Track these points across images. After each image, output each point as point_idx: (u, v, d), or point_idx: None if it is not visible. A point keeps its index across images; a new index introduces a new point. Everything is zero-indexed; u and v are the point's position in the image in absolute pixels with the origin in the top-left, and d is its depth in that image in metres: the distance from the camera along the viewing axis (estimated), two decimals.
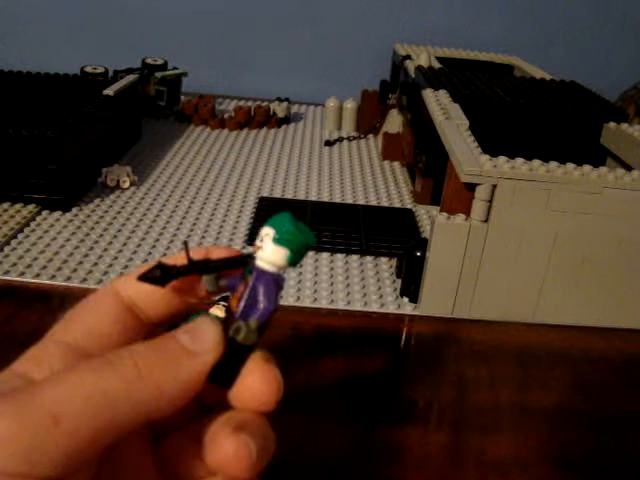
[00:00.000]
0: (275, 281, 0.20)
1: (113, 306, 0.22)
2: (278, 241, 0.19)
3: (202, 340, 0.19)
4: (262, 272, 0.20)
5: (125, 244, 0.55)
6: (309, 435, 0.35)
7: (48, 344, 0.21)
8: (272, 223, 0.20)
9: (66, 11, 1.10)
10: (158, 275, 0.20)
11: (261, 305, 0.20)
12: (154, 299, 0.22)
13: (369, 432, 0.36)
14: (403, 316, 0.48)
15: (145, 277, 0.20)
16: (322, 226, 0.60)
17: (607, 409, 0.40)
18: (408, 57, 0.86)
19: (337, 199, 0.68)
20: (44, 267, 0.50)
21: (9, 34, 1.11)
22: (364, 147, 0.87)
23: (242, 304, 0.20)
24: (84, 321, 0.22)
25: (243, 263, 0.21)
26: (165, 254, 0.53)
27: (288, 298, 0.48)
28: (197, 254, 0.22)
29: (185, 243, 0.20)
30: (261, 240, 0.20)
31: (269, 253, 0.20)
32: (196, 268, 0.20)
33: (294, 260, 0.20)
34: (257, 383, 0.20)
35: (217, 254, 0.22)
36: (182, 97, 0.95)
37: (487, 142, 0.52)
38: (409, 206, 0.68)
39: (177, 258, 0.21)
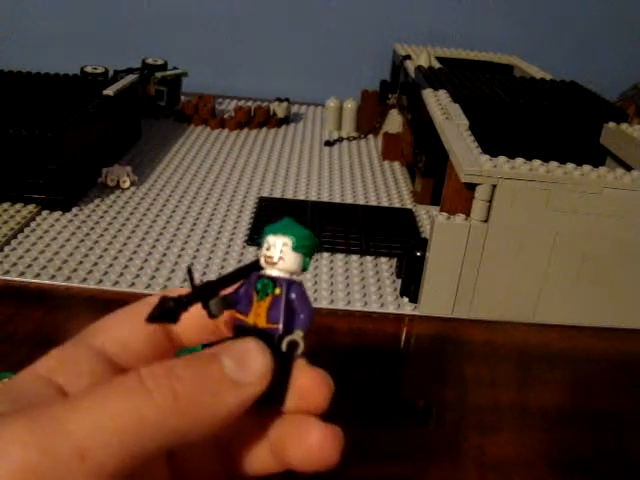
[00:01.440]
0: (303, 287, 0.20)
1: (151, 325, 0.21)
2: (297, 249, 0.20)
3: (250, 370, 0.18)
4: (290, 282, 0.20)
5: (125, 244, 0.55)
6: None
7: (77, 346, 0.20)
8: (285, 231, 0.20)
9: (66, 11, 1.10)
10: (166, 310, 0.19)
11: (302, 315, 0.20)
12: (187, 325, 0.21)
13: (369, 432, 0.36)
14: (403, 316, 0.48)
15: (153, 318, 0.19)
16: (322, 226, 0.60)
17: (607, 409, 0.40)
18: (408, 57, 0.86)
19: (337, 199, 0.68)
20: (44, 267, 0.50)
21: (9, 34, 1.11)
22: (364, 147, 0.87)
23: (281, 317, 0.19)
24: (118, 331, 0.21)
25: (246, 274, 0.20)
26: (165, 254, 0.53)
27: None
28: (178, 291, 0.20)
29: (189, 268, 0.20)
30: (280, 250, 0.20)
31: (290, 262, 0.20)
32: (202, 293, 0.19)
33: (309, 264, 0.20)
34: (309, 386, 0.19)
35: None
36: (182, 97, 0.95)
37: (487, 142, 0.52)
38: (409, 206, 0.68)
39: (179, 290, 0.20)
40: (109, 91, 0.70)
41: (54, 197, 0.59)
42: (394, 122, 0.85)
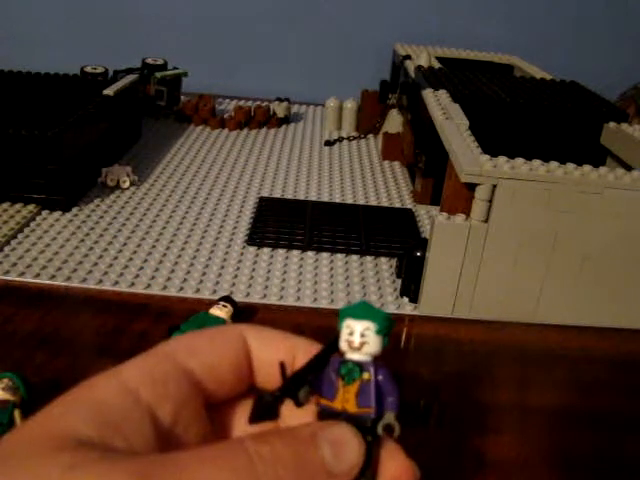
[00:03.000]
0: (388, 368, 0.20)
1: (238, 353, 0.21)
2: (380, 332, 0.20)
3: (345, 460, 0.18)
4: (376, 366, 0.20)
5: (125, 244, 0.55)
6: None
7: (165, 362, 0.20)
8: (367, 316, 0.20)
9: (66, 11, 1.10)
10: (266, 409, 0.19)
11: (392, 397, 0.20)
12: (267, 364, 0.21)
13: None
14: (403, 316, 0.48)
15: (256, 418, 0.19)
16: (322, 226, 0.60)
17: (607, 409, 0.40)
18: (408, 57, 0.86)
19: (337, 199, 0.68)
20: (44, 267, 0.50)
21: (9, 34, 1.11)
22: (364, 147, 0.87)
23: (373, 402, 0.20)
24: (209, 357, 0.21)
25: (327, 358, 0.20)
26: (165, 254, 0.53)
27: (288, 298, 0.48)
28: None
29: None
30: (362, 335, 0.20)
31: (373, 345, 0.20)
32: (294, 385, 0.20)
33: (387, 342, 0.20)
34: (398, 474, 0.20)
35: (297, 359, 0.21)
36: (182, 97, 0.95)
37: (487, 142, 0.52)
38: (409, 206, 0.68)
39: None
40: (109, 91, 0.70)
41: (54, 197, 0.59)
42: (394, 122, 0.85)
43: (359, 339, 0.20)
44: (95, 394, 0.18)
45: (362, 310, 0.20)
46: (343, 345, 0.20)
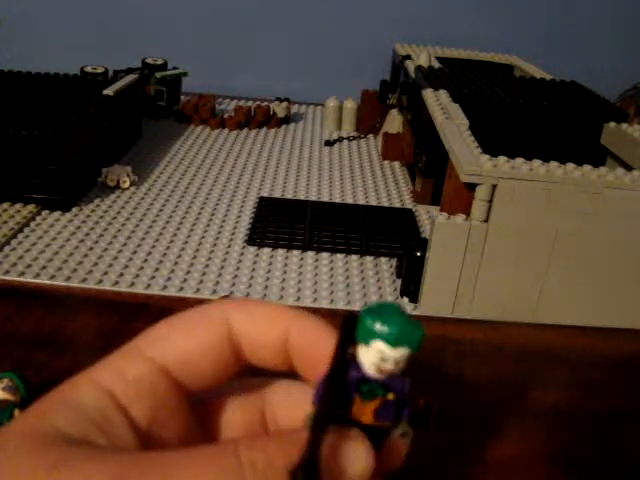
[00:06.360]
0: (408, 380, 0.19)
1: (219, 341, 0.19)
2: (415, 350, 0.18)
3: (349, 474, 0.17)
4: (400, 382, 0.18)
5: (125, 244, 0.55)
6: None
7: (138, 361, 0.19)
8: (404, 342, 0.17)
9: (66, 11, 1.10)
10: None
11: (407, 407, 0.18)
12: (256, 347, 0.20)
13: None
14: None
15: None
16: (322, 226, 0.60)
17: (607, 409, 0.40)
18: (408, 57, 0.86)
19: (337, 199, 0.68)
20: (44, 267, 0.50)
21: (9, 34, 1.11)
22: (364, 147, 0.87)
23: (392, 417, 0.18)
24: (183, 347, 0.19)
25: (344, 377, 0.18)
26: (165, 254, 0.53)
27: (288, 298, 0.48)
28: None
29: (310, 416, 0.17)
30: (396, 362, 0.18)
31: (403, 364, 0.18)
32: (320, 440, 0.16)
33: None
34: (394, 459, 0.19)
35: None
36: (182, 97, 0.95)
37: (487, 142, 0.52)
38: (409, 206, 0.68)
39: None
40: (109, 91, 0.70)
41: (54, 197, 0.59)
42: (394, 122, 0.85)
43: (393, 367, 0.18)
44: (74, 395, 0.18)
45: (398, 332, 0.17)
46: (370, 368, 0.17)
